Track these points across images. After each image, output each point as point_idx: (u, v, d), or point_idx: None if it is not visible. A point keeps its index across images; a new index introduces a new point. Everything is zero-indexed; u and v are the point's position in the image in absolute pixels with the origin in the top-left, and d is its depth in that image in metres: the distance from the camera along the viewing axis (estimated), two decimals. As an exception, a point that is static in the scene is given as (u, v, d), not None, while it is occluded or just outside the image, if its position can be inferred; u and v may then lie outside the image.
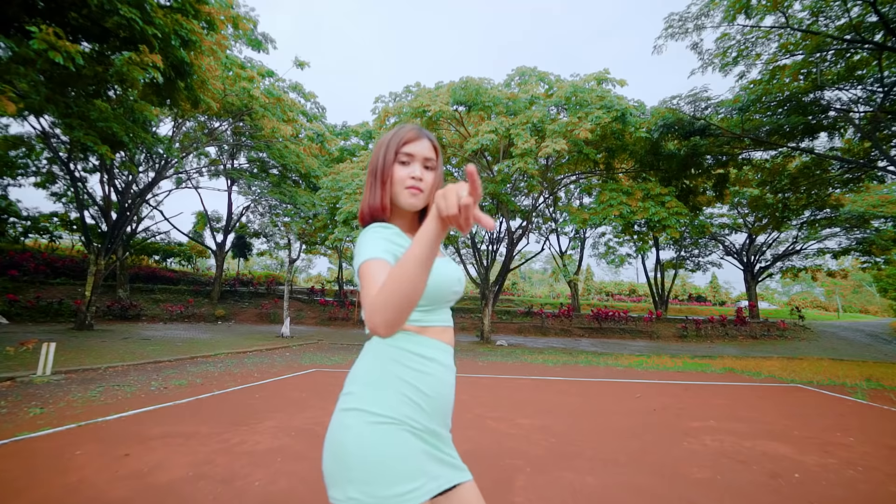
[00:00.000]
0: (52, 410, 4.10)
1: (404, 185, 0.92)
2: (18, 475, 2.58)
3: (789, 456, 3.10)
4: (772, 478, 2.66)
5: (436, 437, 0.87)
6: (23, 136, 15.83)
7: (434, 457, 0.86)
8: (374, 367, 0.87)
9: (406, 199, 0.93)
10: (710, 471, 2.80)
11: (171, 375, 6.22)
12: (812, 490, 2.49)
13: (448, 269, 0.93)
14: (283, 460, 2.92)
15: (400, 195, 0.93)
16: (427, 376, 0.87)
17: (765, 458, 3.05)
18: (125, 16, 6.31)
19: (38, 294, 16.01)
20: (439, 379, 0.88)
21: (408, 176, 0.92)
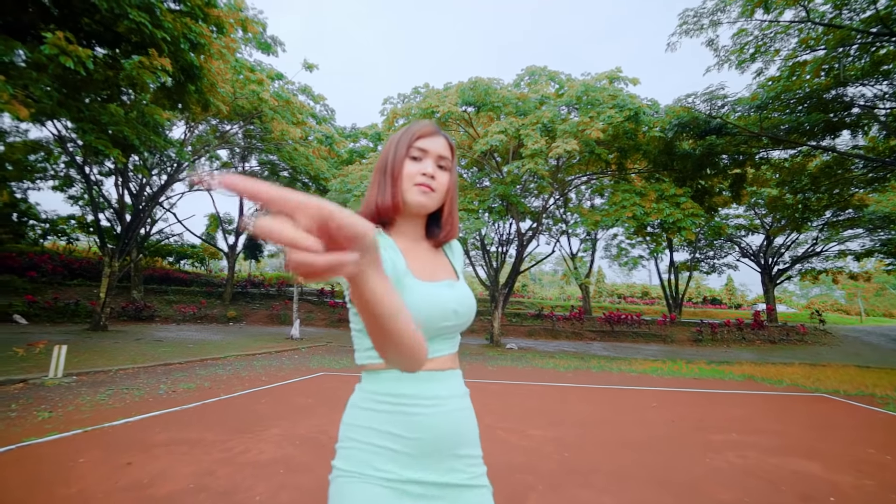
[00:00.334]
0: (61, 414, 4.09)
1: (413, 182, 0.82)
2: (19, 484, 2.54)
3: (821, 476, 2.91)
4: (804, 501, 2.49)
5: (426, 485, 0.74)
6: (41, 141, 16.17)
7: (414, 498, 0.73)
8: (346, 417, 0.79)
9: (414, 196, 0.82)
10: (737, 492, 2.63)
11: (180, 378, 6.21)
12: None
13: (428, 299, 0.77)
14: (286, 472, 2.83)
15: (408, 192, 0.82)
16: (405, 416, 0.75)
17: (795, 477, 2.87)
18: (135, 20, 6.34)
19: (55, 295, 16.32)
20: (429, 415, 0.75)
21: (418, 172, 0.82)
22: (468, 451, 0.80)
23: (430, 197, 0.83)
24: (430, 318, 0.77)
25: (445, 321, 0.79)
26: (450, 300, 0.80)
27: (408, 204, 0.82)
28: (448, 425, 0.77)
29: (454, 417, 0.78)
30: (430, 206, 0.84)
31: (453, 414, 0.78)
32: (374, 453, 0.74)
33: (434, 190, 0.83)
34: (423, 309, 0.75)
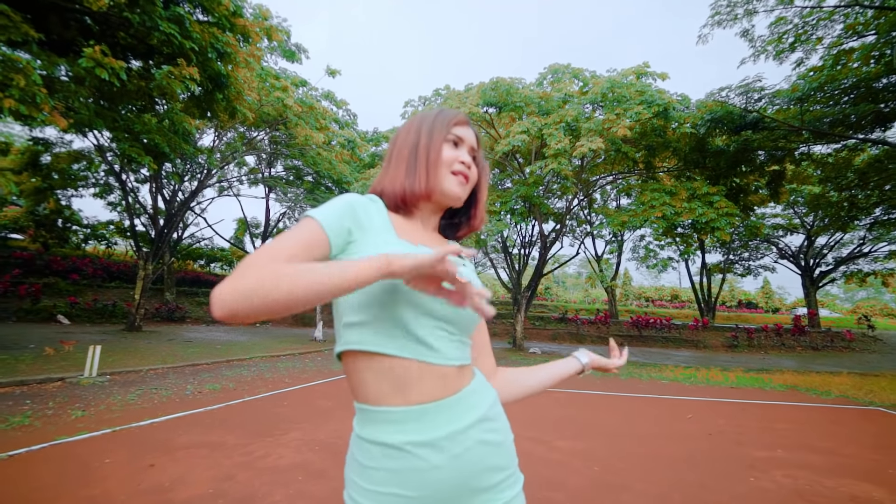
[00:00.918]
0: (93, 413, 4.20)
1: (451, 169, 0.75)
2: (47, 483, 2.58)
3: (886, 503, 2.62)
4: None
5: None
6: (83, 151, 17.03)
7: None
8: (347, 469, 0.68)
9: (452, 185, 0.74)
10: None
11: (206, 379, 6.32)
12: None
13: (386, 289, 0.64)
14: (305, 479, 2.77)
15: (444, 179, 0.74)
16: (414, 473, 0.61)
17: (855, 503, 2.59)
18: (165, 31, 6.54)
19: (95, 297, 17.12)
20: (443, 467, 0.61)
21: (456, 159, 0.75)
22: (498, 477, 0.67)
23: (465, 189, 0.77)
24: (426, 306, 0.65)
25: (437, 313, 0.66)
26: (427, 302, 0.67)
27: (442, 193, 0.74)
28: (470, 465, 0.63)
29: (477, 453, 0.64)
30: (463, 200, 0.77)
31: (475, 449, 0.64)
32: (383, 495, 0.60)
33: (468, 181, 0.77)
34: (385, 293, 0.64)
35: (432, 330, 0.65)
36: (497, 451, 0.68)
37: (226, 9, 7.88)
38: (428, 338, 0.64)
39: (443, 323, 0.66)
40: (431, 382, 0.64)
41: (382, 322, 0.63)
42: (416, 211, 0.77)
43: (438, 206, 0.78)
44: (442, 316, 0.65)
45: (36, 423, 3.80)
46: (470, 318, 0.69)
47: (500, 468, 0.67)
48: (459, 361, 0.68)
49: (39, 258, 19.35)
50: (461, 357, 0.69)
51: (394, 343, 0.63)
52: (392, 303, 0.62)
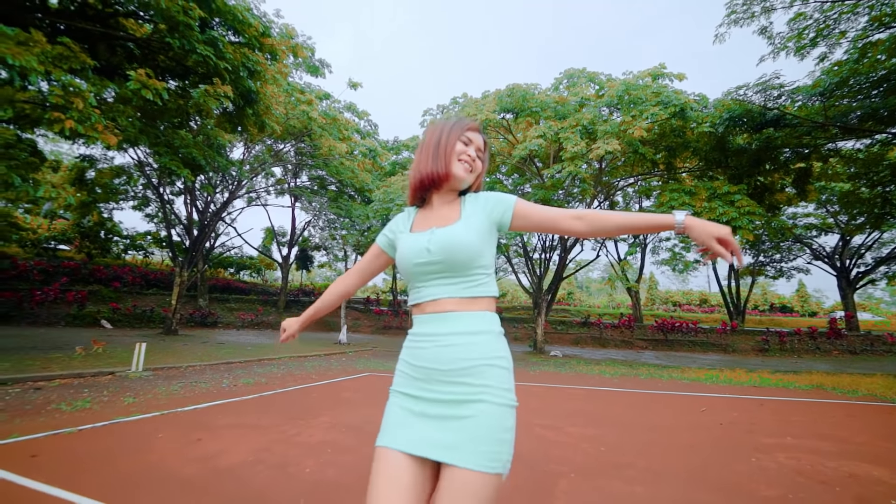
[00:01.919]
0: (142, 400, 4.64)
1: (459, 157, 1.07)
2: (114, 451, 2.96)
3: (886, 480, 2.69)
4: (859, 502, 2.33)
5: (419, 399, 0.96)
6: (123, 166, 18.22)
7: (415, 413, 0.95)
8: None
9: (458, 169, 1.07)
10: (782, 489, 2.51)
11: (240, 375, 6.76)
12: None
13: (407, 244, 1.06)
14: (333, 452, 3.07)
15: (454, 164, 1.06)
16: (418, 350, 1.01)
17: (852, 480, 2.68)
18: (202, 53, 7.13)
19: (134, 303, 18.16)
20: (426, 349, 0.99)
21: (464, 152, 1.08)
22: (460, 382, 0.94)
23: (469, 175, 1.10)
24: (404, 258, 1.04)
25: (418, 258, 1.02)
26: (422, 242, 1.03)
27: (452, 173, 1.06)
28: (440, 356, 0.97)
29: (447, 351, 0.97)
30: (468, 182, 1.11)
31: (447, 348, 0.97)
32: (400, 376, 1.03)
33: (472, 171, 1.10)
34: (401, 253, 1.06)
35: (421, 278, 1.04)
36: (455, 360, 0.96)
37: (255, 30, 8.47)
38: (420, 286, 1.04)
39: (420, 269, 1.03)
40: (431, 305, 1.03)
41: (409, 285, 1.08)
42: (433, 198, 1.11)
43: (451, 189, 1.10)
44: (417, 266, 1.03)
45: (95, 407, 4.25)
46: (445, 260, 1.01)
47: (458, 372, 0.95)
48: (447, 295, 1.01)
49: (84, 267, 20.65)
50: (448, 292, 1.01)
51: (412, 295, 1.07)
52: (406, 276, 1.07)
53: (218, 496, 2.28)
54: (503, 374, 0.97)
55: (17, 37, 5.16)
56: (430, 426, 0.92)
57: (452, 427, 0.90)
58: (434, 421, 0.92)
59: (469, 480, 0.84)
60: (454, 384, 0.94)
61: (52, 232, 23.88)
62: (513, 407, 0.97)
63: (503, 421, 0.92)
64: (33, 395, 4.64)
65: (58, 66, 5.73)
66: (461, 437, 0.88)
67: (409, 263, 1.03)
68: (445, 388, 0.94)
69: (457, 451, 0.87)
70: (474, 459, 0.86)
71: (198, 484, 2.43)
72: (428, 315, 1.02)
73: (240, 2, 8.79)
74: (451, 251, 0.99)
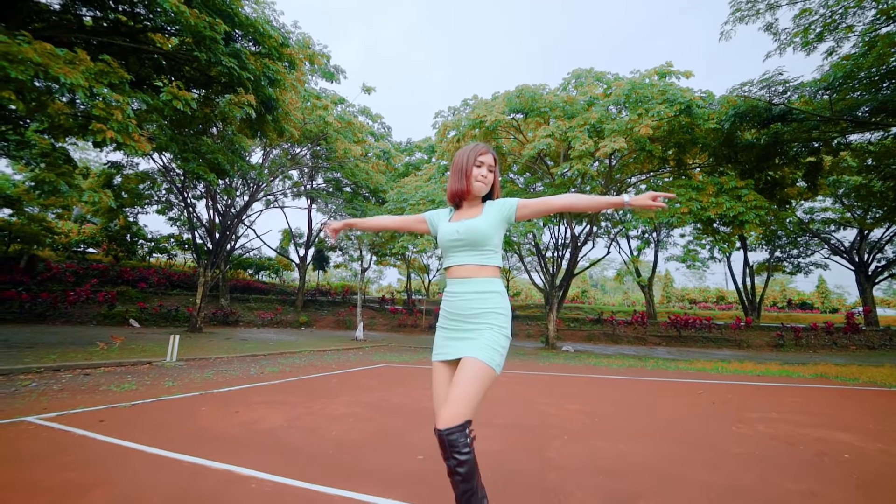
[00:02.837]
0: (180, 384, 5.13)
1: (476, 179, 1.59)
2: (166, 419, 3.42)
3: (850, 443, 2.95)
4: (816, 456, 2.62)
5: (451, 330, 1.58)
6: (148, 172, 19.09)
7: (449, 338, 1.58)
8: None
9: (476, 187, 1.61)
10: (750, 448, 2.81)
11: (265, 365, 7.25)
12: (860, 468, 2.43)
13: (445, 229, 1.63)
14: (354, 421, 3.47)
15: (473, 184, 1.59)
16: (450, 302, 1.61)
17: (819, 442, 2.95)
18: (226, 65, 7.65)
19: (160, 303, 19.00)
20: (452, 301, 1.59)
21: (479, 174, 1.59)
22: (474, 321, 1.53)
23: (484, 188, 1.62)
24: (443, 237, 1.62)
25: (451, 237, 1.59)
26: (454, 228, 1.59)
27: (472, 189, 1.60)
28: (464, 307, 1.55)
29: (467, 304, 1.55)
30: (485, 191, 1.64)
31: (467, 302, 1.55)
32: (442, 316, 1.63)
33: (486, 185, 1.62)
34: (441, 233, 1.63)
35: (452, 251, 1.58)
36: (468, 311, 1.54)
37: (275, 41, 8.99)
38: (451, 255, 1.59)
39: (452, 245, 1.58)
40: (457, 270, 1.59)
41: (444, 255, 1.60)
42: (464, 203, 1.66)
43: (474, 197, 1.63)
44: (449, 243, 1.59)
45: (140, 388, 4.75)
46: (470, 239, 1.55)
47: (473, 315, 1.53)
48: (470, 261, 1.53)
49: (112, 269, 21.63)
50: (469, 258, 1.57)
51: (446, 261, 1.60)
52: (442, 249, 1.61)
53: (262, 448, 2.69)
54: (502, 318, 1.55)
55: (66, 56, 5.71)
56: (458, 344, 1.52)
57: (469, 340, 1.50)
58: (459, 341, 1.52)
59: (473, 364, 1.43)
60: (472, 322, 1.53)
61: (81, 236, 25.03)
62: (507, 336, 1.54)
63: (499, 340, 1.50)
64: (84, 380, 5.17)
65: (99, 81, 6.29)
66: (473, 344, 1.48)
67: (446, 240, 1.59)
68: (467, 324, 1.53)
69: (469, 350, 1.47)
70: (478, 353, 1.45)
71: (244, 440, 2.85)
72: (455, 279, 1.59)
73: (260, 15, 9.33)
74: (471, 234, 1.54)
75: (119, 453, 2.53)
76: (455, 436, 1.32)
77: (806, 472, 2.37)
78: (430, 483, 2.15)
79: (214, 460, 2.42)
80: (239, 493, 2.01)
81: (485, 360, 1.42)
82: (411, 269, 30.64)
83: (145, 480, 2.13)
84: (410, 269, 30.40)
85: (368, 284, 46.79)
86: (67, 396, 4.16)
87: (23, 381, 4.81)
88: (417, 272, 31.77)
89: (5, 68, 4.48)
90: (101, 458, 2.42)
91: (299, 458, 2.52)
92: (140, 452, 2.56)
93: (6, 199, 17.50)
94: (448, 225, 1.60)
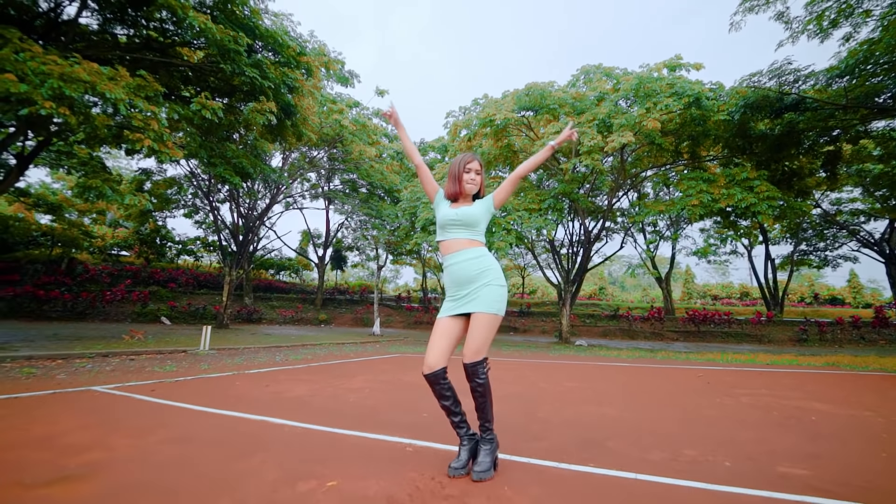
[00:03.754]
0: (215, 367, 5.65)
1: (467, 182, 2.05)
2: (206, 390, 3.89)
3: (823, 410, 3.18)
4: (784, 418, 2.87)
5: (456, 296, 1.96)
6: (175, 178, 20.09)
7: (455, 300, 1.96)
8: None
9: (466, 188, 2.05)
10: (726, 412, 3.07)
11: (289, 354, 7.76)
12: (818, 424, 2.67)
13: (446, 212, 2.04)
14: (370, 392, 3.87)
15: (465, 186, 2.04)
16: (449, 272, 2.01)
17: (795, 410, 3.18)
18: (249, 75, 8.19)
19: (189, 301, 19.97)
20: (449, 268, 1.99)
21: (468, 178, 2.04)
22: (470, 286, 1.93)
23: (473, 188, 2.06)
24: (444, 216, 2.03)
25: (450, 217, 2.02)
26: (454, 212, 2.02)
27: (464, 190, 2.04)
28: (461, 272, 1.94)
29: (459, 270, 1.95)
30: (473, 192, 2.08)
31: (458, 269, 1.95)
32: (446, 287, 2.03)
33: (475, 185, 2.06)
34: (441, 214, 2.04)
35: (450, 228, 2.02)
36: (469, 275, 1.92)
37: (293, 51, 9.51)
38: (448, 232, 2.02)
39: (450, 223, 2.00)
40: (453, 244, 2.02)
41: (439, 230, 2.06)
42: (458, 199, 2.07)
43: (466, 195, 2.05)
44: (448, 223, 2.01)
45: (180, 369, 5.27)
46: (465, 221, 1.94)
47: (471, 280, 1.92)
48: (463, 237, 1.93)
49: (144, 270, 22.77)
50: (464, 235, 1.93)
51: (443, 236, 2.05)
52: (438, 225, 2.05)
53: (290, 408, 3.11)
54: (494, 273, 1.96)
55: (109, 73, 6.32)
56: (465, 304, 1.91)
57: (475, 300, 1.89)
58: (467, 303, 1.90)
59: (483, 317, 1.86)
60: (472, 284, 1.93)
61: (115, 239, 26.40)
62: (502, 285, 1.94)
63: (497, 291, 1.91)
64: (130, 363, 5.74)
65: (137, 94, 6.89)
66: (479, 302, 1.89)
67: (447, 219, 2.01)
68: (469, 286, 1.93)
69: (477, 307, 1.88)
70: (485, 308, 1.87)
71: (274, 403, 3.29)
72: (451, 252, 1.99)
73: (278, 26, 9.88)
74: (467, 217, 2.00)
75: (171, 410, 2.99)
76: (476, 367, 1.84)
77: (767, 427, 2.64)
78: (432, 430, 2.52)
79: (252, 413, 2.85)
80: (274, 433, 2.42)
81: (491, 312, 1.87)
82: (427, 268, 31.12)
83: (196, 426, 2.56)
84: (426, 267, 30.88)
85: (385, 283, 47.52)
86: (119, 374, 4.70)
87: (79, 363, 5.41)
88: (433, 271, 32.23)
89: (62, 87, 5.07)
90: (158, 413, 2.88)
91: (322, 414, 2.93)
92: (188, 409, 3.01)
93: (49, 206, 18.70)
94: (448, 209, 2.02)
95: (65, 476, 1.67)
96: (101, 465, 1.82)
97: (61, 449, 2.01)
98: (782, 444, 2.23)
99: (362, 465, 1.88)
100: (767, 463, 1.93)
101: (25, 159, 8.45)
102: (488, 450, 1.84)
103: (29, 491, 1.54)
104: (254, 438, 2.30)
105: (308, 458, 1.97)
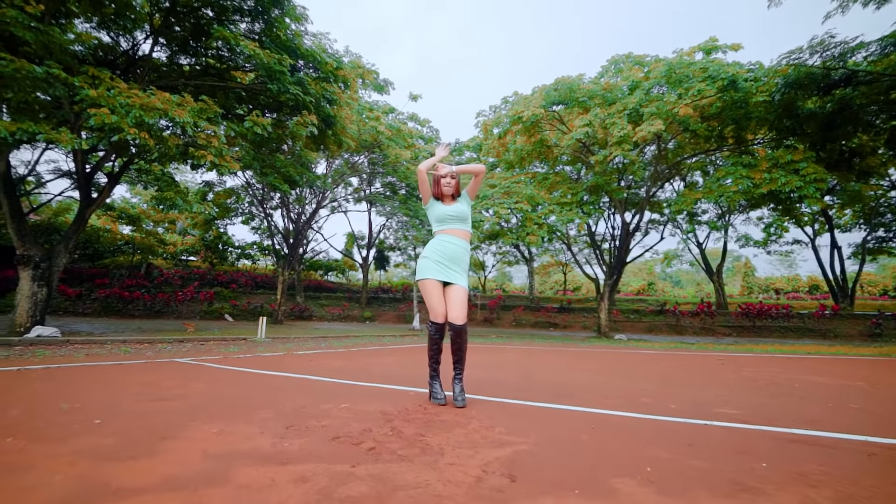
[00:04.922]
0: (269, 349, 6.49)
1: (443, 186, 2.71)
2: (263, 363, 4.63)
3: (816, 381, 3.29)
4: (765, 385, 3.05)
5: (444, 265, 2.58)
6: (233, 188, 22.05)
7: (441, 268, 2.59)
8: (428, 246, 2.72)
9: (445, 190, 2.73)
10: (717, 381, 3.28)
11: (333, 342, 8.58)
12: (797, 390, 2.84)
13: (443, 209, 2.70)
14: (398, 367, 4.44)
15: (443, 189, 2.71)
16: (444, 245, 2.64)
17: (787, 381, 3.32)
18: (293, 92, 9.11)
19: (248, 300, 21.83)
20: (449, 246, 2.61)
21: (444, 182, 2.71)
22: (460, 265, 2.65)
23: (449, 190, 2.76)
24: (442, 212, 2.74)
25: (449, 213, 2.73)
26: (450, 208, 2.73)
27: (443, 192, 2.74)
28: (452, 251, 2.64)
29: (454, 250, 2.64)
30: (450, 192, 2.77)
31: (454, 248, 2.64)
32: (432, 253, 2.67)
33: (450, 187, 2.76)
34: (438, 210, 2.76)
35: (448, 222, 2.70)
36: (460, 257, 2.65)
37: (330, 66, 10.38)
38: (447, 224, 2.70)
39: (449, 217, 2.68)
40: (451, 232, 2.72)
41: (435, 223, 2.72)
42: (444, 198, 2.77)
43: (448, 195, 2.76)
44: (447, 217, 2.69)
45: (241, 351, 6.14)
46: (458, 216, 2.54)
47: (459, 262, 2.64)
48: (460, 228, 2.58)
49: (209, 273, 25.09)
50: (459, 226, 2.65)
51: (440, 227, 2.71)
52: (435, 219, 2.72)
53: (328, 373, 3.74)
54: (468, 262, 2.68)
55: (177, 101, 7.39)
56: (450, 275, 2.55)
57: (459, 275, 2.59)
58: (452, 274, 2.56)
59: (462, 290, 2.58)
60: (458, 265, 2.61)
61: (184, 246, 29.26)
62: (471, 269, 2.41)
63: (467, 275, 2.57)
64: (201, 346, 6.72)
65: (200, 116, 7.97)
66: (461, 278, 2.61)
67: (446, 215, 2.65)
68: (456, 265, 2.60)
69: (460, 281, 2.59)
70: (462, 281, 2.60)
71: (316, 370, 3.94)
72: (450, 235, 2.61)
73: (317, 45, 10.79)
74: (461, 213, 2.70)
75: (234, 372, 3.71)
76: (464, 326, 2.52)
77: (739, 390, 2.86)
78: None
79: (298, 374, 3.49)
80: (309, 384, 3.03)
81: (467, 287, 2.58)
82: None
83: (251, 380, 3.23)
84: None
85: (428, 283, 48.45)
86: (193, 353, 5.61)
87: (161, 346, 6.45)
88: (473, 269, 32.64)
89: (142, 116, 6.11)
90: (224, 373, 3.61)
91: (353, 376, 3.52)
92: (247, 372, 3.72)
93: (129, 217, 21.23)
94: (444, 207, 2.68)
95: (163, 398, 2.35)
96: (184, 395, 2.49)
97: (159, 388, 2.73)
98: (738, 399, 2.48)
99: (371, 399, 2.42)
100: (708, 407, 2.23)
101: (114, 178, 9.93)
102: (462, 386, 2.51)
103: (144, 404, 2.22)
104: (294, 386, 2.92)
105: (331, 395, 2.54)
